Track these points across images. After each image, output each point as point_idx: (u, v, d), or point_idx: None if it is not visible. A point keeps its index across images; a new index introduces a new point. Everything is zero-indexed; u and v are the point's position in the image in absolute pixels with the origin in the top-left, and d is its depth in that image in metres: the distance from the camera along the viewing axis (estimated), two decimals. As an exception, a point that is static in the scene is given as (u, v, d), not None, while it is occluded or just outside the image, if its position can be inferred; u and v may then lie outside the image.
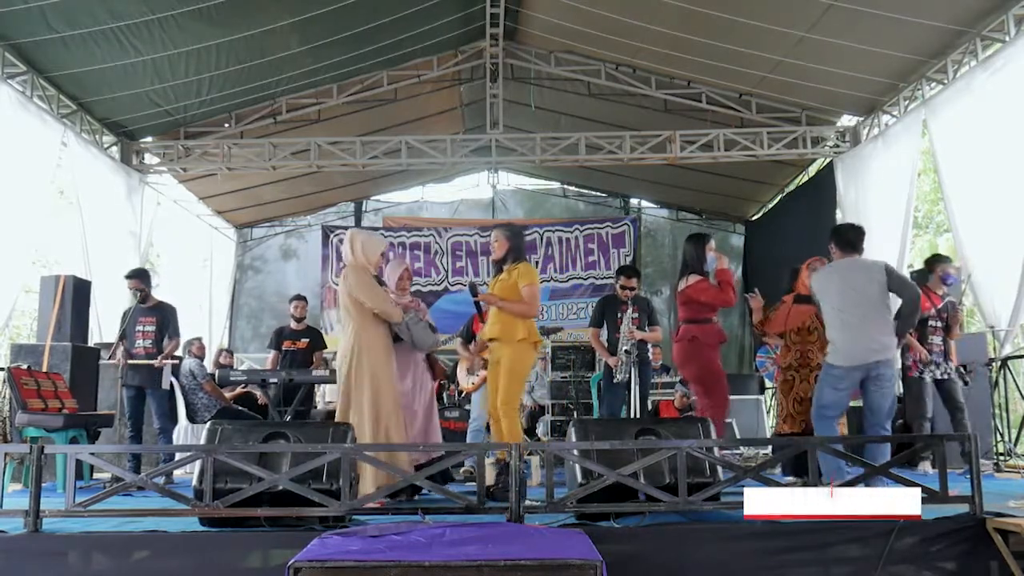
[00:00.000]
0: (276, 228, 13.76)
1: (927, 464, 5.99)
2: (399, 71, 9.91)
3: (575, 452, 3.69)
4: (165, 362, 6.01)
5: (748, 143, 9.72)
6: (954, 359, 6.01)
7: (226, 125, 9.89)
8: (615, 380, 5.79)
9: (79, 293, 7.36)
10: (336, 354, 4.85)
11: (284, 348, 7.40)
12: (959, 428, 5.77)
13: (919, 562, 3.35)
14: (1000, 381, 7.00)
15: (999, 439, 6.69)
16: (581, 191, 14.11)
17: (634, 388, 5.67)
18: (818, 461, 3.73)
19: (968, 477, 3.57)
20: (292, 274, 13.56)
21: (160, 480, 4.32)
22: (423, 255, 12.96)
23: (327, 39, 8.52)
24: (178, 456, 4.64)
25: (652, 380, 6.94)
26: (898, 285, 4.53)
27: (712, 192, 12.49)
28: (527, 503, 3.50)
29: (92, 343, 7.60)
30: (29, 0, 6.54)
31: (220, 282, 12.74)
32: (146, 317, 6.11)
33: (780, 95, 9.45)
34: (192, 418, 7.13)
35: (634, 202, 14.01)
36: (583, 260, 13.02)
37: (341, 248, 5.47)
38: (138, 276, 6.19)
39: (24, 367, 6.21)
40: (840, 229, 4.83)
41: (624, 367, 5.70)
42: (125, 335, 5.95)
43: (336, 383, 4.73)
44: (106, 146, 9.27)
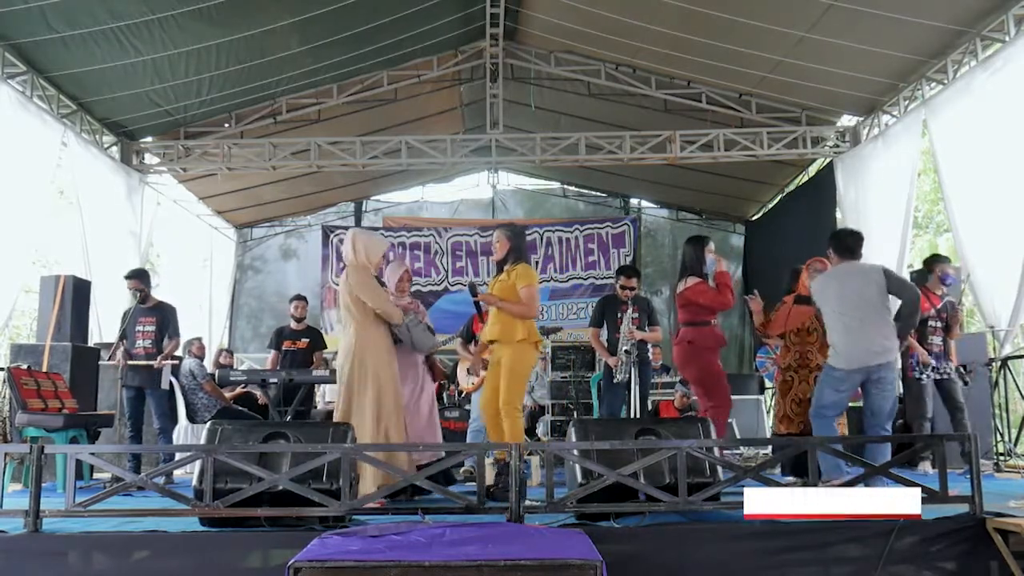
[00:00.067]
0: (276, 228, 13.76)
1: (927, 464, 5.99)
2: (399, 71, 9.91)
3: (575, 452, 3.69)
4: (164, 363, 6.01)
5: (748, 143, 9.72)
6: (954, 359, 6.03)
7: (226, 125, 9.89)
8: (615, 380, 5.80)
9: (79, 293, 7.36)
10: (336, 354, 4.84)
11: (284, 348, 7.40)
12: (959, 428, 5.78)
13: (919, 562, 3.35)
14: (1000, 381, 7.00)
15: (999, 439, 6.69)
16: (581, 191, 14.11)
17: (634, 388, 5.68)
18: (818, 461, 3.74)
19: (968, 477, 3.58)
20: (292, 274, 13.56)
21: (160, 480, 4.31)
22: (423, 255, 12.96)
23: (327, 39, 8.52)
24: (178, 456, 4.63)
25: (652, 380, 6.95)
26: (897, 287, 4.55)
27: (712, 192, 12.49)
28: (527, 503, 3.50)
29: (92, 343, 7.60)
30: (29, 0, 6.54)
31: (220, 282, 12.74)
32: (146, 317, 6.11)
33: (780, 95, 9.45)
34: (192, 418, 7.13)
35: (634, 202, 14.01)
36: (583, 260, 13.02)
37: (341, 248, 5.46)
38: (137, 276, 6.19)
39: (24, 367, 6.21)
40: (838, 235, 4.86)
41: (624, 367, 5.70)
42: (125, 335, 5.95)
43: (336, 383, 4.73)
44: (106, 146, 9.27)
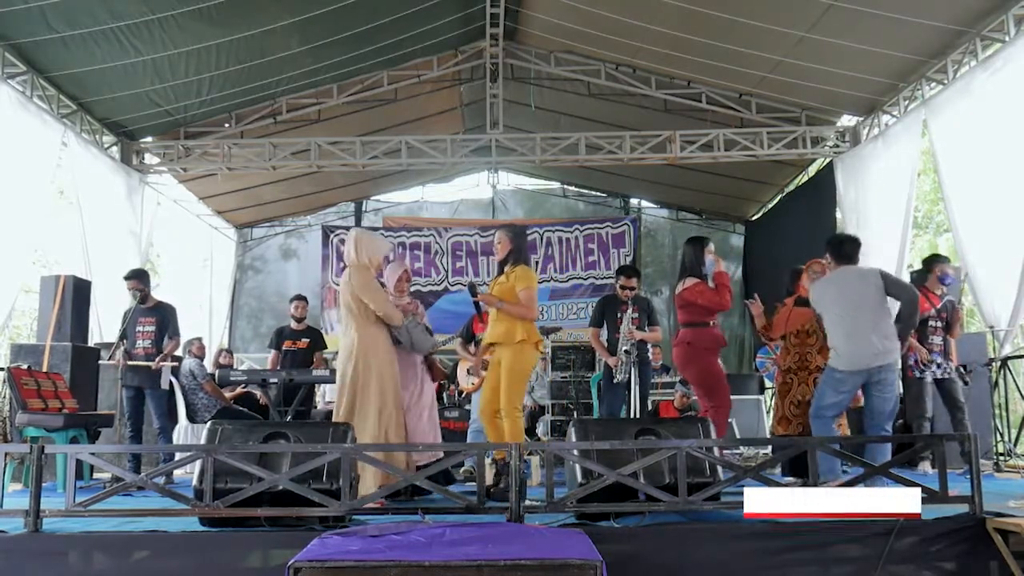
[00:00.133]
0: (276, 228, 13.76)
1: (927, 464, 5.99)
2: (399, 71, 9.91)
3: (575, 452, 3.69)
4: (162, 364, 6.01)
5: (748, 143, 9.72)
6: (954, 359, 6.02)
7: (226, 125, 9.89)
8: (615, 380, 5.80)
9: (79, 293, 7.36)
10: (336, 354, 4.84)
11: (284, 348, 7.40)
12: (959, 428, 5.78)
13: (919, 562, 3.35)
14: (1000, 381, 7.00)
15: (999, 439, 6.69)
16: (581, 191, 14.10)
17: (634, 388, 5.68)
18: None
19: (968, 477, 3.58)
20: (292, 274, 13.56)
21: (160, 480, 4.31)
22: (423, 255, 12.96)
23: (327, 39, 8.52)
24: (178, 456, 4.63)
25: (652, 380, 6.96)
26: (895, 288, 4.59)
27: (712, 192, 12.49)
28: (527, 503, 3.50)
29: (92, 343, 7.60)
30: (29, 0, 6.54)
31: (220, 282, 12.73)
32: (146, 317, 6.11)
33: (780, 95, 9.45)
34: (192, 418, 7.13)
35: (634, 202, 14.01)
36: (583, 260, 13.02)
37: (342, 248, 5.46)
38: (136, 277, 6.19)
39: (24, 367, 6.21)
40: (835, 240, 4.91)
41: (624, 367, 5.70)
42: (125, 335, 5.95)
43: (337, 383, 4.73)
44: (106, 146, 9.27)
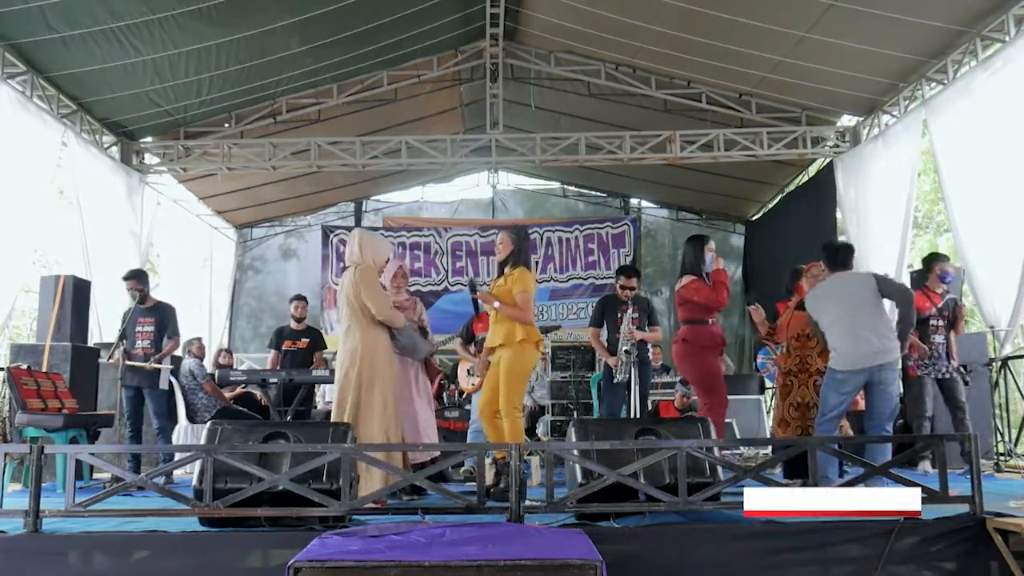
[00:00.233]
0: (276, 228, 13.76)
1: (927, 464, 5.99)
2: (399, 71, 9.91)
3: (575, 452, 3.69)
4: (155, 366, 5.99)
5: (748, 143, 9.71)
6: (955, 358, 6.01)
7: (226, 125, 9.89)
8: (615, 380, 5.80)
9: (79, 293, 7.36)
10: (336, 354, 4.82)
11: (284, 348, 7.40)
12: (960, 428, 5.77)
13: (919, 562, 3.35)
14: (1000, 381, 7.00)
15: (999, 439, 6.69)
16: (581, 191, 14.10)
17: (634, 388, 5.68)
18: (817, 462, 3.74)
19: (968, 477, 3.58)
20: (292, 274, 13.56)
21: (160, 480, 4.31)
22: (423, 255, 12.96)
23: (327, 39, 8.52)
24: (178, 456, 4.63)
25: (652, 380, 6.96)
26: (888, 289, 4.67)
27: (712, 192, 12.49)
28: (527, 503, 3.50)
29: (92, 343, 7.60)
30: (29, 0, 6.54)
31: (220, 282, 12.73)
32: (145, 318, 6.12)
33: (780, 95, 9.45)
34: (192, 418, 7.13)
35: (634, 202, 14.01)
36: (583, 260, 13.02)
37: (343, 248, 5.44)
38: (135, 277, 6.19)
39: (24, 367, 6.21)
40: (829, 248, 5.00)
41: (624, 367, 5.70)
42: (125, 335, 5.94)
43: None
44: (106, 146, 9.27)
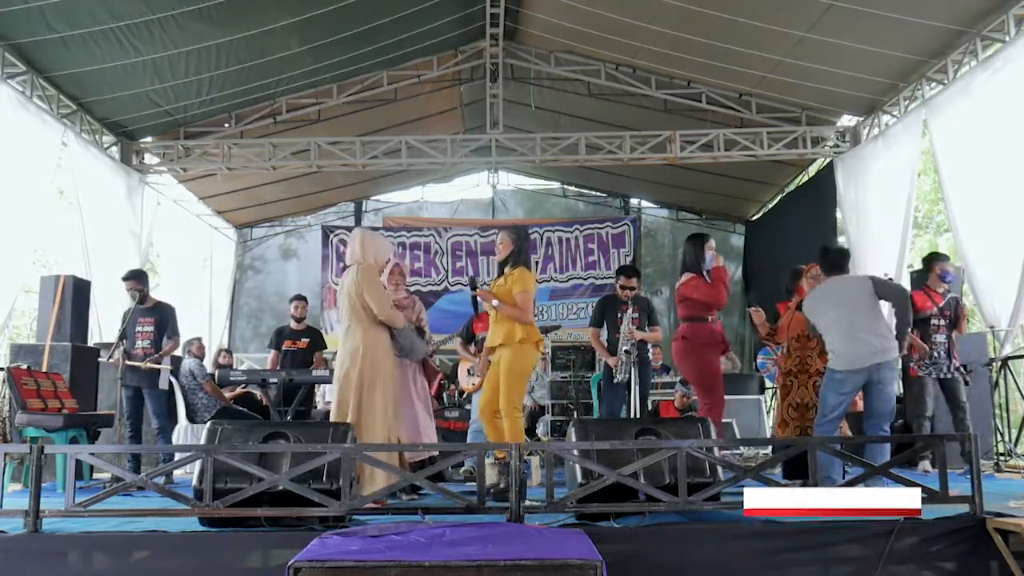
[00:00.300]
0: (276, 228, 13.76)
1: (927, 464, 5.98)
2: (399, 71, 9.91)
3: (575, 452, 3.69)
4: (152, 365, 5.98)
5: (748, 143, 9.71)
6: (957, 357, 6.00)
7: (226, 125, 9.88)
8: (615, 380, 5.79)
9: (79, 293, 7.36)
10: (336, 354, 4.82)
11: (284, 348, 7.39)
12: (961, 428, 5.77)
13: (919, 562, 3.35)
14: (1000, 381, 7.00)
15: (999, 439, 6.69)
16: (581, 191, 14.10)
17: (634, 388, 5.67)
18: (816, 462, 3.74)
19: (968, 477, 3.58)
20: (292, 274, 13.56)
21: (160, 480, 4.31)
22: (423, 255, 12.97)
23: (327, 39, 8.52)
24: (178, 456, 4.63)
25: (652, 380, 6.95)
26: (883, 290, 4.70)
27: (712, 192, 12.49)
28: (527, 503, 3.50)
29: (92, 343, 7.60)
30: (29, 0, 6.54)
31: (220, 282, 12.73)
32: (145, 318, 6.11)
33: (780, 95, 9.44)
34: (192, 418, 7.13)
35: (634, 202, 14.01)
36: (583, 260, 13.02)
37: (343, 248, 5.43)
38: (135, 277, 6.19)
39: (24, 367, 6.21)
40: (826, 253, 5.04)
41: (624, 367, 5.70)
42: (124, 335, 5.94)
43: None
44: (106, 146, 9.27)
